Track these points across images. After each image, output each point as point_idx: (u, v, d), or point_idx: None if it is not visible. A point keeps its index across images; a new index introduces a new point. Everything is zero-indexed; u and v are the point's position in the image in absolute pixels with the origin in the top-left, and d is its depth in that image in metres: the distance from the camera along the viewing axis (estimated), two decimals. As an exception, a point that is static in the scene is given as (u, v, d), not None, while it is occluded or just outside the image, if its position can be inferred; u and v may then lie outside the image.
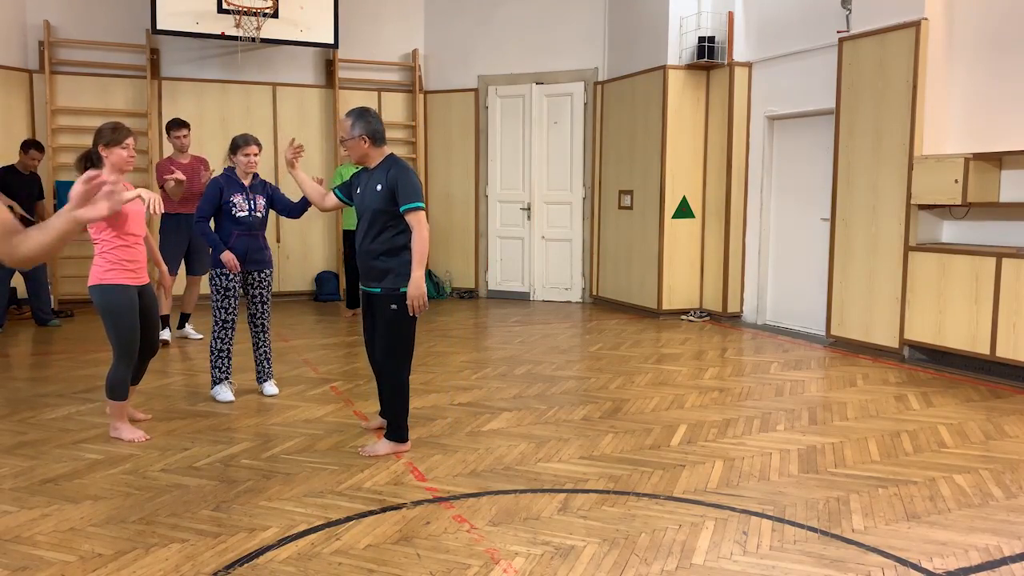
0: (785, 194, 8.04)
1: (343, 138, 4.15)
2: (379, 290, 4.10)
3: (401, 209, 4.02)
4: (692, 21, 8.38)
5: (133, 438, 4.36)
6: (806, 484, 3.80)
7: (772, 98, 7.99)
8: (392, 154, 4.19)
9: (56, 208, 8.76)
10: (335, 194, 4.45)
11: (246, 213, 5.14)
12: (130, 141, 4.30)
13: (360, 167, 4.27)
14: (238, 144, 5.14)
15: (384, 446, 4.21)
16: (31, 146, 7.83)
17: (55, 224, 2.00)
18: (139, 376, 4.63)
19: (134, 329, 4.31)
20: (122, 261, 4.27)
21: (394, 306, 4.06)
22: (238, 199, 5.12)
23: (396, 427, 4.21)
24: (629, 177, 9.10)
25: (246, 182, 5.18)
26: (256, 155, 5.16)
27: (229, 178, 5.15)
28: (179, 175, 6.53)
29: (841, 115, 6.91)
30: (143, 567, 2.91)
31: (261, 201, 5.23)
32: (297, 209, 5.12)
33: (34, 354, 6.77)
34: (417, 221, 4.02)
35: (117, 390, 4.36)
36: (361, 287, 4.27)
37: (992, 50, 6.11)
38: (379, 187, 4.06)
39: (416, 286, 4.00)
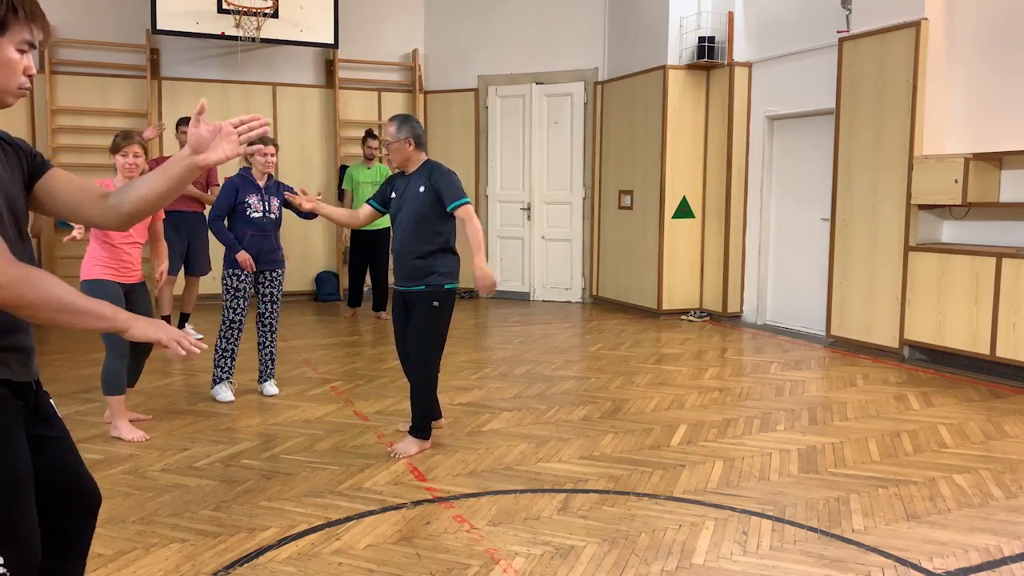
0: (785, 194, 8.04)
1: (388, 141, 4.22)
2: (422, 287, 4.17)
3: (449, 208, 4.14)
4: (692, 21, 8.38)
5: (133, 438, 4.37)
6: (806, 484, 3.80)
7: (772, 98, 7.99)
8: (430, 159, 4.29)
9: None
10: (371, 205, 4.48)
11: (260, 214, 5.18)
12: (131, 149, 4.40)
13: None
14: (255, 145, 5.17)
15: (413, 444, 4.21)
16: None
17: (174, 170, 1.83)
18: (135, 377, 4.65)
19: None
20: (104, 258, 4.34)
21: (436, 303, 4.16)
22: (253, 200, 5.16)
23: (422, 421, 4.23)
24: (629, 177, 9.10)
25: (261, 183, 5.21)
26: (273, 155, 5.20)
27: (244, 179, 5.18)
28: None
29: (841, 115, 6.91)
30: (143, 567, 2.91)
31: (276, 202, 5.26)
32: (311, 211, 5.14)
33: (34, 354, 6.75)
34: (467, 214, 4.14)
35: (112, 383, 4.39)
36: (396, 287, 4.31)
37: (992, 50, 6.11)
38: (421, 189, 4.17)
39: (483, 273, 4.07)
